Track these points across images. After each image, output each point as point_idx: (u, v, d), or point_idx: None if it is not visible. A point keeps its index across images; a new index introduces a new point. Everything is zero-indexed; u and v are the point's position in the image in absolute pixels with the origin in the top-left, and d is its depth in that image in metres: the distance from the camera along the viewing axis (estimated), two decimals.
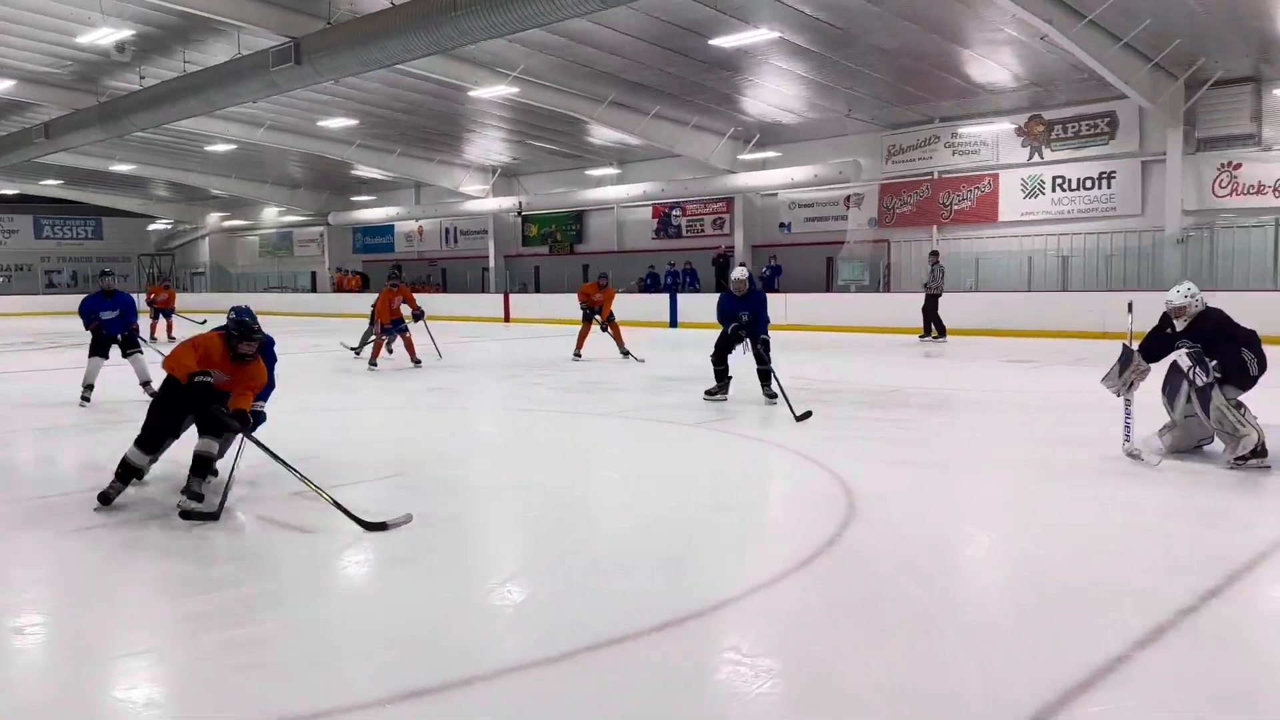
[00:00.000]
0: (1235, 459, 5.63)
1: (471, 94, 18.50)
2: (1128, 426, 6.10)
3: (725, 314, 8.99)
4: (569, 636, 3.32)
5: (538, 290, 28.79)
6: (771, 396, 8.73)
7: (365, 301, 17.41)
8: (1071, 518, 4.86)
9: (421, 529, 4.68)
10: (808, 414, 7.81)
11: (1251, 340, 5.79)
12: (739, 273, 9.33)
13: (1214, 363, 5.62)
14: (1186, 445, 6.09)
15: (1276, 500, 5.09)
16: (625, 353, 13.20)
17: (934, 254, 17.78)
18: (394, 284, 13.03)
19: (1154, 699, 2.87)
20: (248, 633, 3.44)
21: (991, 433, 7.55)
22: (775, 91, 19.54)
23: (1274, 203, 16.80)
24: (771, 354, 8.85)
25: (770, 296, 21.21)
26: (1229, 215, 17.32)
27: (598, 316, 13.51)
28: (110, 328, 9.20)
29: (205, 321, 13.54)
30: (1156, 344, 6.12)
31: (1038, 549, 4.39)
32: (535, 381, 11.44)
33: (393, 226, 34.73)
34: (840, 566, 4.13)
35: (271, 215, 37.52)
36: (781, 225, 24.38)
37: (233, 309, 5.28)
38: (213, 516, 4.76)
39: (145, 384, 9.14)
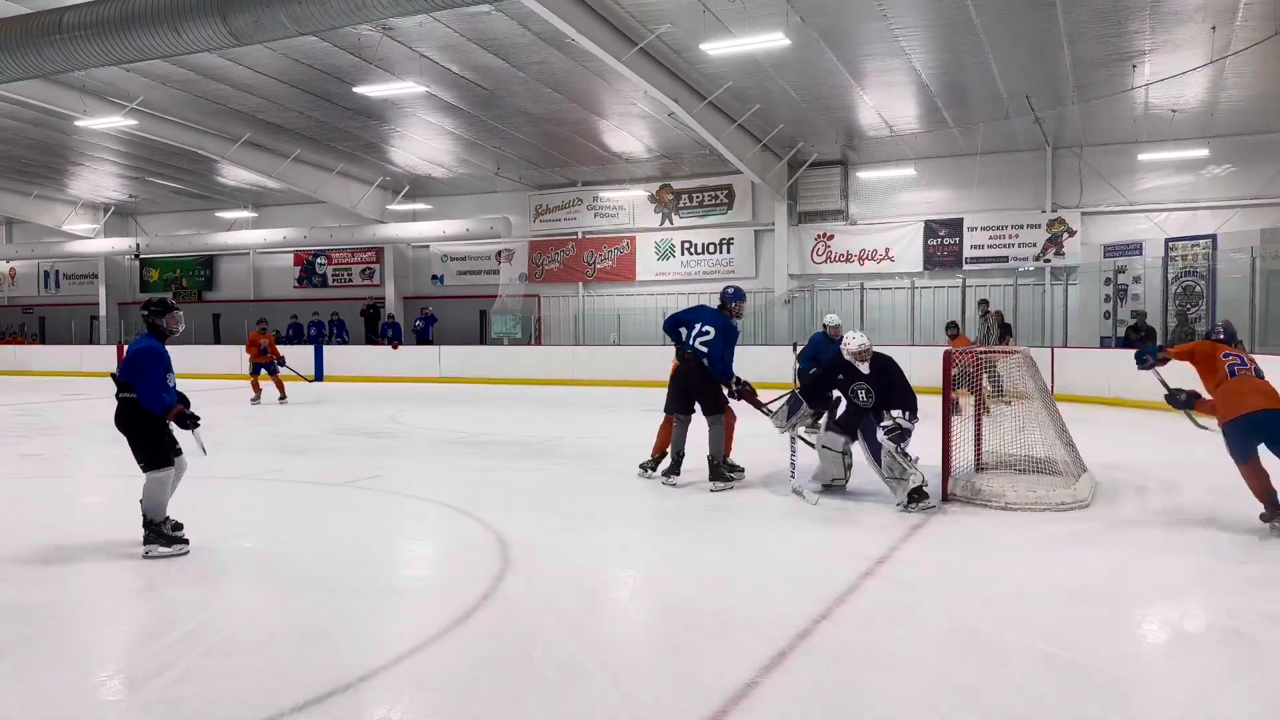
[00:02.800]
0: (905, 503, 6.13)
1: (80, 124, 16.49)
2: (793, 465, 6.72)
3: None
4: None
5: None
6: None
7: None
8: (701, 554, 5.25)
9: (7, 621, 3.99)
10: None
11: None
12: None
13: (897, 413, 6.25)
14: (824, 479, 6.79)
15: (872, 531, 5.85)
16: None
17: (983, 303, 16.09)
18: None
19: (780, 719, 3.15)
20: None
21: (633, 478, 7.95)
22: (425, 144, 19.52)
23: (859, 269, 19.66)
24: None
25: (424, 349, 21.11)
26: (825, 279, 19.96)
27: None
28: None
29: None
30: (824, 388, 6.72)
31: (674, 586, 4.68)
32: None
33: None
34: (494, 620, 4.11)
35: None
36: (434, 277, 24.26)
37: None
38: None
39: None
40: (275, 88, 15.70)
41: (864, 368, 6.55)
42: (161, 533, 5.13)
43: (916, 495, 6.16)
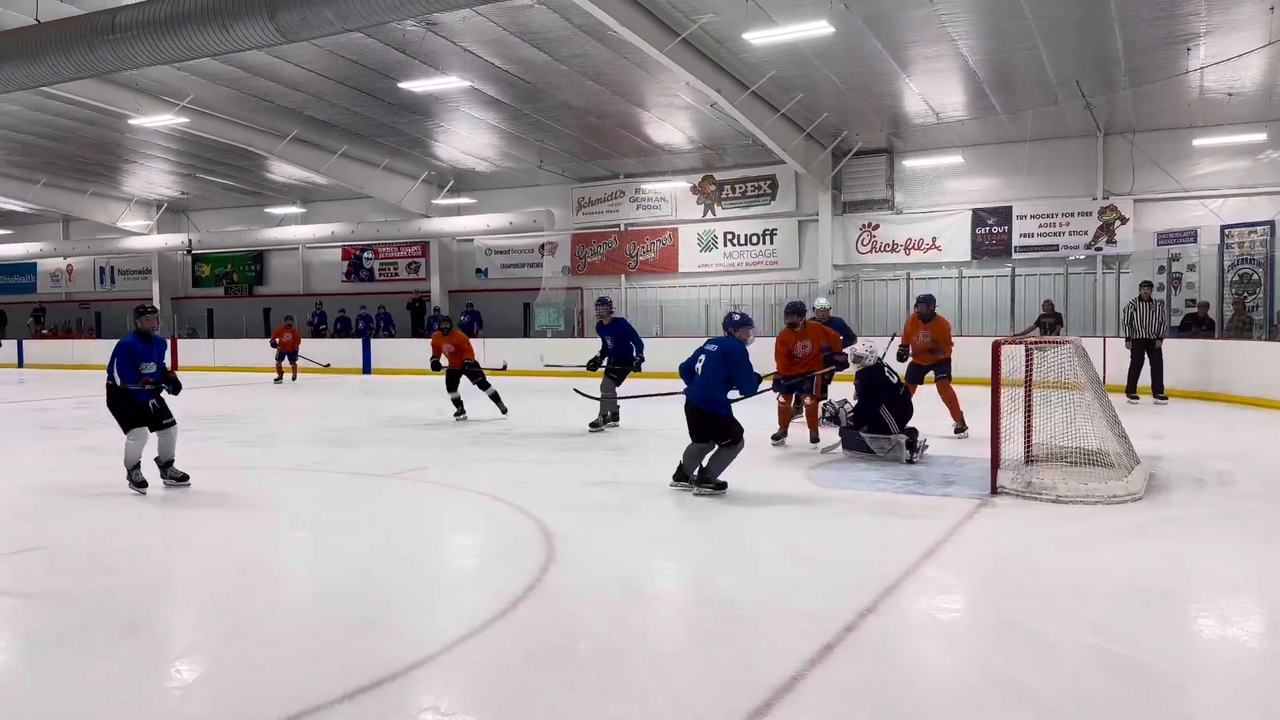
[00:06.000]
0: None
1: (133, 122, 16.85)
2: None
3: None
4: (249, 714, 3.06)
5: (211, 335, 26.59)
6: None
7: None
8: (745, 547, 5.24)
9: (69, 608, 4.11)
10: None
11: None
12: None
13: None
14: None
15: (920, 524, 5.80)
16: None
17: (1146, 285, 13.24)
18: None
19: (826, 713, 3.13)
20: None
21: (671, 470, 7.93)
22: (468, 139, 19.65)
23: (905, 259, 19.42)
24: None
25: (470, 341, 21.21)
26: (870, 269, 19.75)
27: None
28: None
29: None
30: None
31: (717, 578, 4.67)
32: (208, 435, 10.51)
33: (35, 264, 30.63)
34: (539, 611, 4.14)
35: None
36: (478, 271, 24.43)
37: None
38: None
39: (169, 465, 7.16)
40: (322, 84, 15.91)
41: None
42: (130, 477, 6.98)
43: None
